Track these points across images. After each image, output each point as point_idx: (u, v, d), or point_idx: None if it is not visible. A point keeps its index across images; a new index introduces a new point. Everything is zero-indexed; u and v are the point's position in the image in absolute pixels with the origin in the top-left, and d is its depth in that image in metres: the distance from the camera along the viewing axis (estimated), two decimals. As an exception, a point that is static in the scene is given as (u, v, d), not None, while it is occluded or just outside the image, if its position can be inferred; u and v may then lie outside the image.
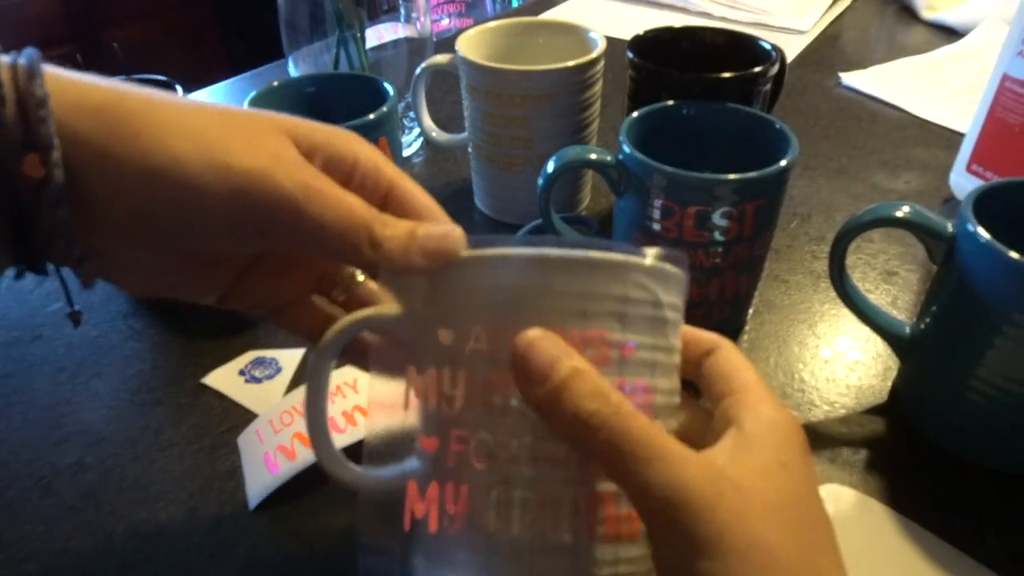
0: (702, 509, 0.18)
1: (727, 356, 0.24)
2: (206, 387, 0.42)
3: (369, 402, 0.25)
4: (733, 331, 0.44)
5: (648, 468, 0.19)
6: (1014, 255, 0.31)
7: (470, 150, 0.55)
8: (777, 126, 0.41)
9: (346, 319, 0.24)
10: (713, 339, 0.25)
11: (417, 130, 0.63)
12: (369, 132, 0.44)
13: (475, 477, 0.21)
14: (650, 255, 0.21)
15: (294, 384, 0.42)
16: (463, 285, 0.22)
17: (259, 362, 0.43)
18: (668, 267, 0.22)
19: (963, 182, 0.55)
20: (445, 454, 0.22)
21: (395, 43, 0.60)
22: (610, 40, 0.52)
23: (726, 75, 0.45)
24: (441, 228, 0.23)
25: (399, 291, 0.24)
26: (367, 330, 0.25)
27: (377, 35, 0.59)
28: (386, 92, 0.47)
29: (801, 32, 0.87)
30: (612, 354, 0.21)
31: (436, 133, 0.57)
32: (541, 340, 0.20)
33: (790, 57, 0.79)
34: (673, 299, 0.22)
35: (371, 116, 0.44)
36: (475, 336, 0.21)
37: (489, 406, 0.21)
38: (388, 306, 0.24)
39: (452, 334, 0.22)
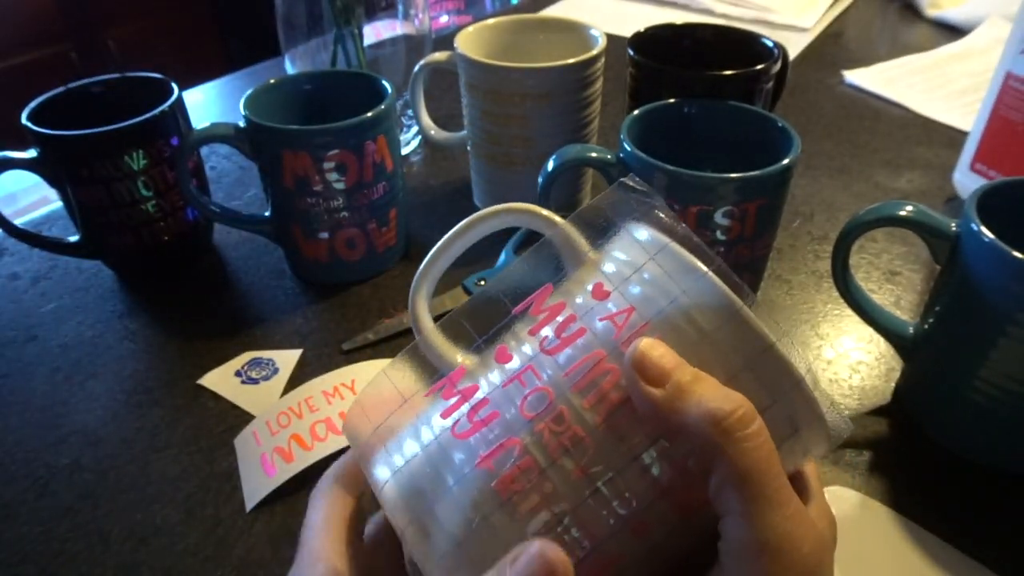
0: (808, 568, 0.18)
1: None
2: (203, 388, 0.42)
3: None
4: (734, 331, 0.44)
5: (771, 509, 0.17)
6: (1018, 255, 0.31)
7: (469, 148, 0.54)
8: (779, 124, 0.41)
9: (527, 205, 0.24)
10: None
11: (415, 128, 0.63)
12: (367, 130, 0.44)
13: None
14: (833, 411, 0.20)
15: (291, 385, 0.42)
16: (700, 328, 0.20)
17: (256, 363, 0.43)
18: (838, 432, 0.21)
19: (966, 181, 0.54)
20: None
21: (393, 40, 0.60)
22: (610, 37, 0.51)
23: (728, 73, 0.44)
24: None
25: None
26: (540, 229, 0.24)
27: (375, 32, 0.59)
28: (384, 90, 0.46)
29: (804, 29, 0.86)
30: None
31: (435, 131, 0.56)
32: (658, 347, 0.19)
33: (792, 55, 0.79)
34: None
35: (369, 114, 0.44)
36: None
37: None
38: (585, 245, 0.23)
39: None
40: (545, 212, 0.24)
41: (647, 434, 0.19)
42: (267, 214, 0.48)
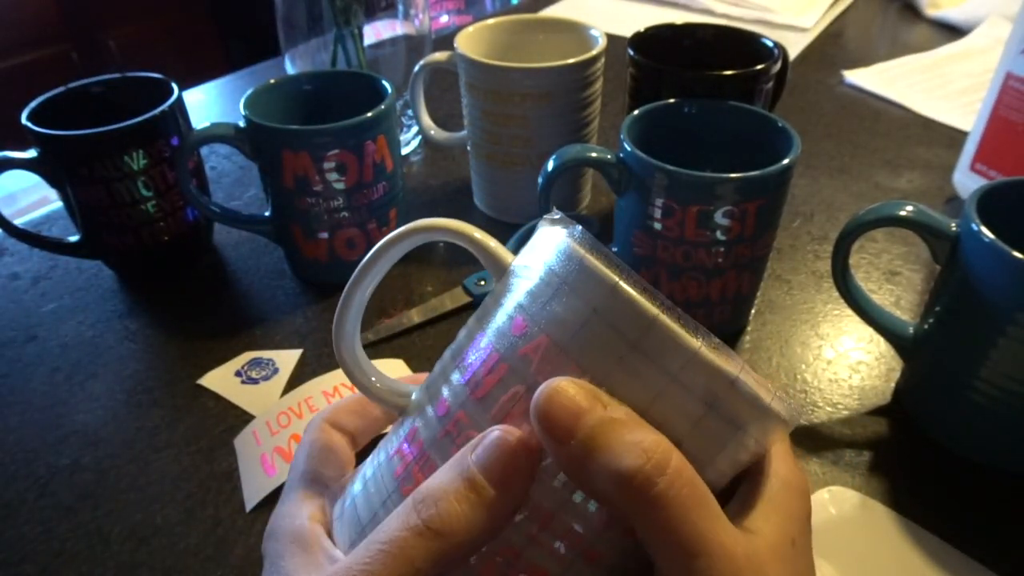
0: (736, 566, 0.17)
1: None
2: (203, 388, 0.42)
3: None
4: (735, 332, 0.44)
5: (691, 560, 0.17)
6: (1018, 255, 0.31)
7: (469, 149, 0.54)
8: (779, 124, 0.41)
9: (455, 224, 0.23)
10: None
11: (415, 128, 0.63)
12: (367, 130, 0.44)
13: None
14: (787, 403, 0.20)
15: (291, 385, 0.42)
16: (587, 305, 0.19)
17: (256, 363, 0.43)
18: (777, 420, 0.20)
19: (966, 181, 0.54)
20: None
21: (393, 40, 0.60)
22: (610, 37, 0.51)
23: (728, 73, 0.44)
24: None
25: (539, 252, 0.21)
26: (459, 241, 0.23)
27: (375, 32, 0.59)
28: (384, 90, 0.46)
29: (803, 30, 0.86)
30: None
31: (435, 131, 0.56)
32: (566, 388, 0.18)
33: (792, 55, 0.79)
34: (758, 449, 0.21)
35: (369, 114, 0.44)
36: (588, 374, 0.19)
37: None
38: (505, 253, 0.23)
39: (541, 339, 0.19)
40: (454, 224, 0.23)
41: None
42: (267, 214, 0.48)
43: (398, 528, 0.18)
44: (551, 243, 0.21)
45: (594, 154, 0.40)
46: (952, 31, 0.86)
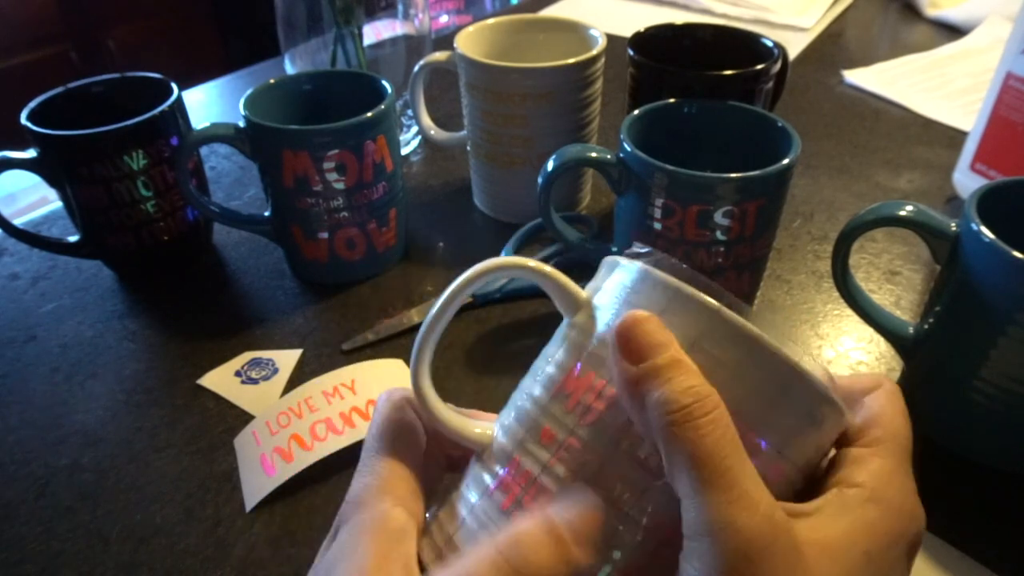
0: (744, 555, 0.17)
1: (881, 399, 0.21)
2: (202, 388, 0.42)
3: None
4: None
5: (711, 492, 0.17)
6: (1018, 255, 0.31)
7: (469, 149, 0.54)
8: (779, 124, 0.41)
9: (531, 263, 0.23)
10: (876, 378, 0.22)
11: (415, 128, 0.63)
12: (367, 131, 0.44)
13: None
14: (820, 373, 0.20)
15: (291, 385, 0.42)
16: (656, 308, 0.20)
17: (256, 363, 0.43)
18: (844, 411, 0.21)
19: (967, 181, 0.54)
20: (549, 457, 0.21)
21: (393, 40, 0.60)
22: (610, 37, 0.51)
23: (728, 73, 0.44)
24: None
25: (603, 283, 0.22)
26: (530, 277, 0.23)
27: (375, 32, 0.59)
28: (384, 90, 0.46)
29: (803, 29, 0.86)
30: (758, 466, 0.19)
31: (435, 131, 0.56)
32: (648, 322, 0.19)
33: (792, 55, 0.79)
34: (831, 439, 0.21)
35: (369, 114, 0.44)
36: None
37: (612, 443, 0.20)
38: (579, 291, 0.23)
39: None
40: (532, 263, 0.23)
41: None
42: (267, 214, 0.48)
43: (480, 564, 0.19)
44: (634, 277, 0.21)
45: (594, 154, 0.40)
46: (952, 31, 0.86)
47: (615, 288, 0.22)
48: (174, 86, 0.48)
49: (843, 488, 0.20)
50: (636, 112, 0.42)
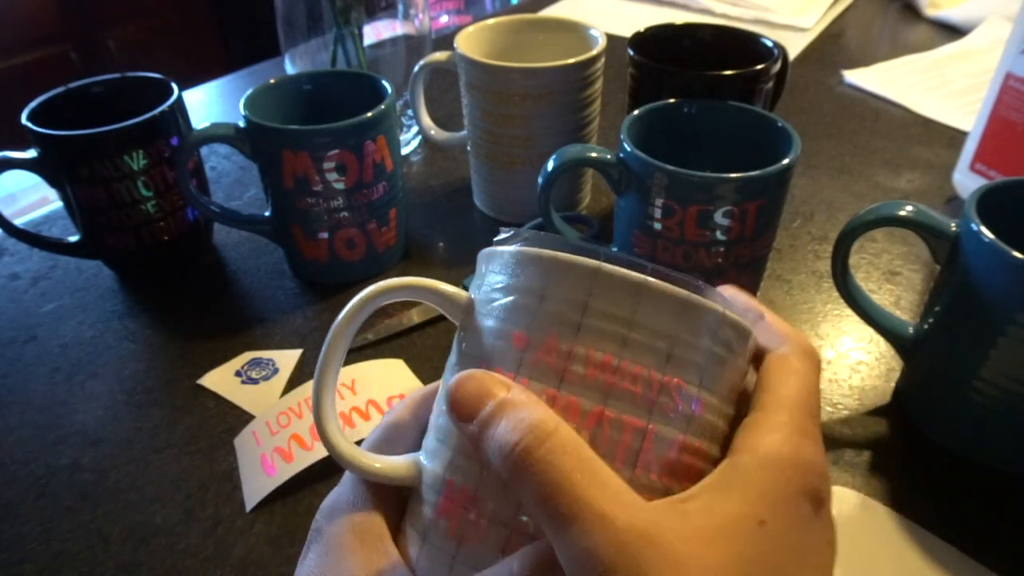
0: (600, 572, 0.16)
1: (779, 361, 0.21)
2: (202, 388, 0.42)
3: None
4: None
5: (567, 527, 0.16)
6: (1018, 255, 0.31)
7: (469, 149, 0.54)
8: (779, 124, 0.41)
9: (400, 281, 0.22)
10: (780, 337, 0.21)
11: (415, 128, 0.63)
12: (367, 130, 0.44)
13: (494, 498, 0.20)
14: (732, 312, 0.20)
15: (291, 385, 0.42)
16: (527, 281, 0.20)
17: (256, 363, 0.43)
18: (748, 325, 0.20)
19: (966, 181, 0.54)
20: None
21: (393, 40, 0.60)
22: (610, 37, 0.51)
23: (728, 73, 0.44)
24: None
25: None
26: (428, 300, 0.23)
27: (375, 32, 0.59)
28: (384, 90, 0.46)
29: (803, 30, 0.86)
30: (684, 408, 0.19)
31: (435, 131, 0.56)
32: (468, 381, 0.19)
33: (792, 55, 0.79)
34: (746, 355, 0.21)
35: (369, 114, 0.44)
36: (544, 348, 0.19)
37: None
38: (456, 291, 0.22)
39: (517, 337, 0.20)
40: (405, 281, 0.22)
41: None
42: (267, 214, 0.48)
43: None
44: (489, 266, 0.21)
45: (594, 154, 0.40)
46: (952, 31, 0.86)
47: (494, 280, 0.21)
48: (174, 86, 0.48)
49: (735, 456, 0.19)
50: (636, 112, 0.42)
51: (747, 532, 0.17)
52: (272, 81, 0.48)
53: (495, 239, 0.22)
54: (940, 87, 0.73)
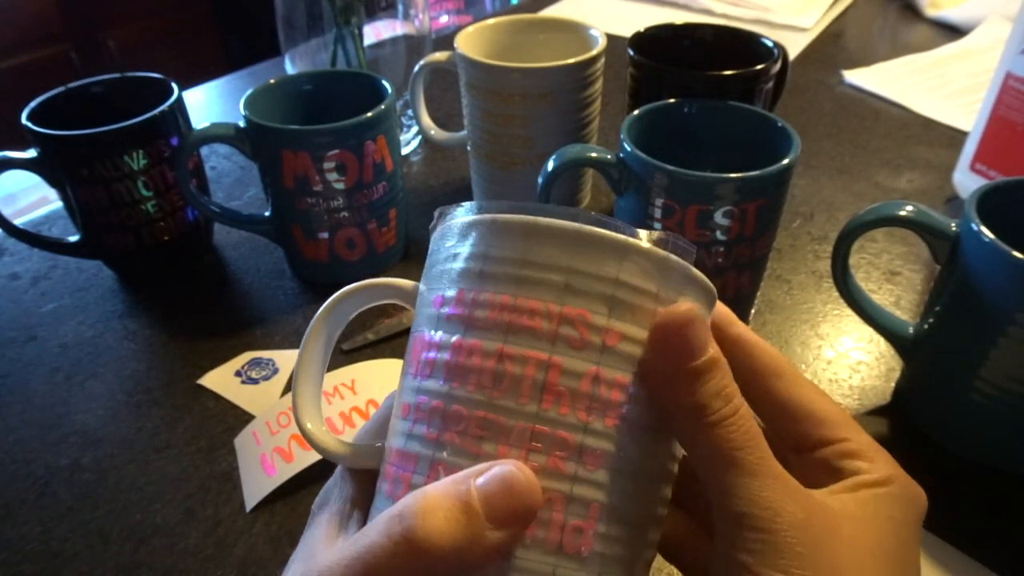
0: (787, 529, 0.18)
1: (812, 392, 0.22)
2: (203, 388, 0.42)
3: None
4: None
5: (747, 478, 0.18)
6: (1018, 255, 0.31)
7: (469, 149, 0.54)
8: (779, 124, 0.41)
9: (359, 283, 0.24)
10: (778, 361, 0.22)
11: (415, 128, 0.63)
12: (367, 130, 0.44)
13: (468, 457, 0.19)
14: (646, 237, 0.20)
15: (291, 385, 0.42)
16: (448, 249, 0.21)
17: (256, 363, 0.43)
18: (671, 257, 0.20)
19: (967, 181, 0.54)
20: (433, 429, 0.20)
21: (393, 40, 0.60)
22: (610, 37, 0.51)
23: (728, 73, 0.44)
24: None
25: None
26: (385, 299, 0.24)
27: (375, 32, 0.59)
28: (384, 90, 0.46)
29: (803, 29, 0.86)
30: (593, 339, 0.19)
31: (435, 131, 0.56)
32: (694, 324, 0.19)
33: (792, 55, 0.79)
34: (672, 293, 0.20)
35: (369, 114, 0.44)
36: (454, 302, 0.20)
37: (473, 379, 0.19)
38: (403, 280, 0.23)
39: (437, 300, 0.21)
40: (351, 288, 0.24)
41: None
42: (267, 214, 0.48)
43: (377, 535, 0.18)
44: (434, 244, 0.22)
45: (594, 154, 0.40)
46: (952, 31, 0.86)
47: (428, 261, 0.22)
48: (174, 86, 0.48)
49: (855, 476, 0.20)
50: (636, 112, 0.42)
51: (884, 523, 0.19)
52: (272, 81, 0.48)
53: (429, 227, 0.23)
54: (940, 87, 0.73)
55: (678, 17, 0.85)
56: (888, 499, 0.20)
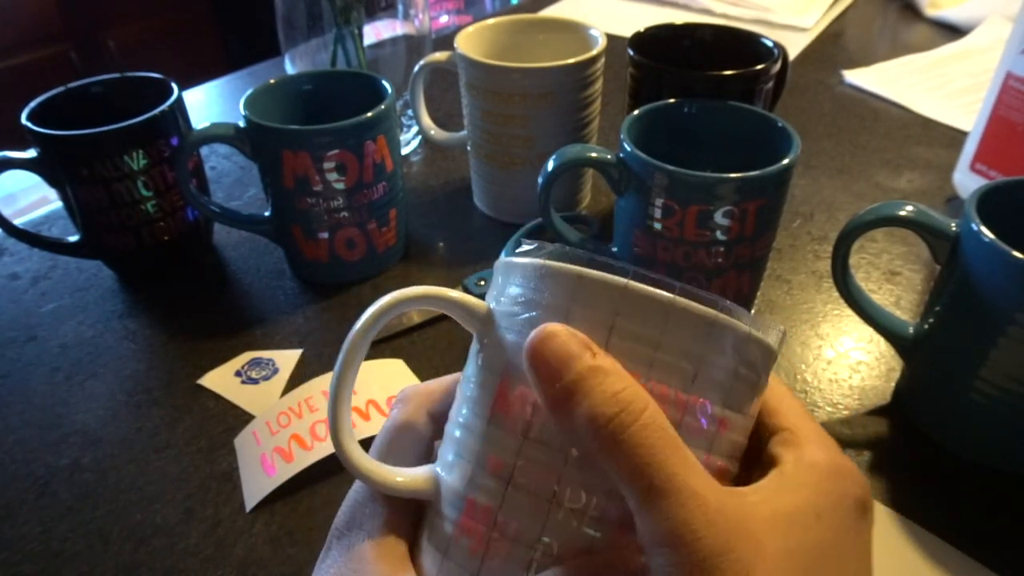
0: (705, 557, 0.16)
1: (773, 388, 0.22)
2: (202, 388, 0.42)
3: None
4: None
5: (658, 501, 0.17)
6: (1018, 255, 0.31)
7: (469, 149, 0.54)
8: (779, 124, 0.41)
9: (420, 290, 0.22)
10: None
11: (415, 128, 0.63)
12: (367, 130, 0.44)
13: (519, 514, 0.19)
14: (766, 330, 0.20)
15: (291, 385, 0.42)
16: (562, 303, 0.19)
17: (256, 363, 0.43)
18: (773, 345, 0.20)
19: (967, 181, 0.54)
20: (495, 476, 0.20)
21: (393, 40, 0.60)
22: (610, 37, 0.51)
23: (728, 73, 0.44)
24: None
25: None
26: (441, 309, 0.22)
27: (375, 32, 0.59)
28: (384, 90, 0.46)
29: (803, 29, 0.86)
30: (709, 428, 0.19)
31: (435, 131, 0.56)
32: (555, 336, 0.18)
33: (792, 55, 0.79)
34: (767, 378, 0.21)
35: (369, 114, 0.44)
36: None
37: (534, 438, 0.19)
38: (476, 301, 0.22)
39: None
40: (423, 291, 0.22)
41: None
42: (267, 214, 0.48)
43: None
44: (509, 277, 0.21)
45: (594, 154, 0.40)
46: (952, 31, 0.86)
47: (515, 293, 0.20)
48: (174, 86, 0.48)
49: (782, 466, 0.20)
50: (636, 112, 0.42)
51: (808, 523, 0.18)
52: (272, 81, 0.48)
53: (517, 251, 0.21)
54: (940, 87, 0.73)
55: (678, 17, 0.85)
56: (814, 492, 0.19)
